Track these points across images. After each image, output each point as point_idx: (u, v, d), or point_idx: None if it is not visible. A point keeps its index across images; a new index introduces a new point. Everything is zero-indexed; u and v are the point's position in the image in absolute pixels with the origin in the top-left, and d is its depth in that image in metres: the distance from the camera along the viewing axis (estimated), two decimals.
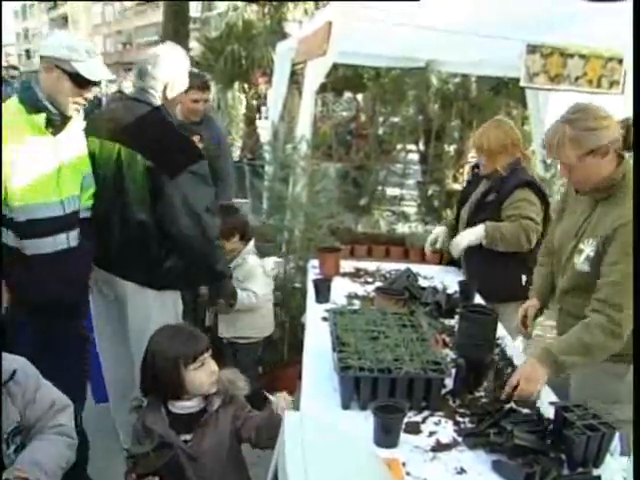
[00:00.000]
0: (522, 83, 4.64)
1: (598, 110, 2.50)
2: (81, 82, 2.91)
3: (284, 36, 10.46)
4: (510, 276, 3.59)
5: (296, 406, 2.33)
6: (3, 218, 2.87)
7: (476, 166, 4.01)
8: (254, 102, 13.39)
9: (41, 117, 2.90)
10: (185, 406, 2.37)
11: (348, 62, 6.88)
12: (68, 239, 3.05)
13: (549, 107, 5.80)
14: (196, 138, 3.85)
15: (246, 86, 12.44)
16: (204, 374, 2.33)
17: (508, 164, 3.65)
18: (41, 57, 2.94)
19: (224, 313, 3.86)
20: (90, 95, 3.05)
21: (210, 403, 2.37)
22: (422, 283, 3.69)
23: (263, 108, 16.82)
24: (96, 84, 3.04)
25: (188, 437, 2.34)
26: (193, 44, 14.17)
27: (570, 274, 2.69)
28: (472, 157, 9.48)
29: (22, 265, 2.92)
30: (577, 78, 4.51)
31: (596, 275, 2.52)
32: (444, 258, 4.37)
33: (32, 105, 2.91)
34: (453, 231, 3.98)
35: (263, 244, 4.48)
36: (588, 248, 2.55)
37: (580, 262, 2.59)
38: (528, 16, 3.69)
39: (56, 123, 2.95)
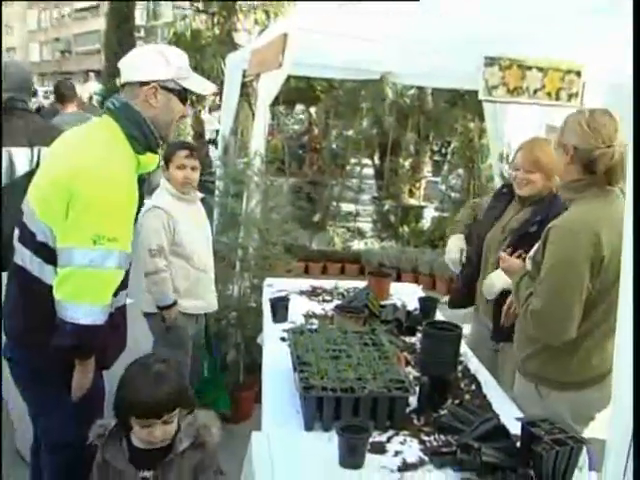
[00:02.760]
0: (481, 96, 4.60)
1: (605, 118, 2.36)
2: (183, 100, 2.56)
3: (234, 47, 10.25)
4: None
5: (257, 429, 2.25)
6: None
7: (504, 186, 3.48)
8: (202, 115, 13.22)
9: (155, 158, 2.53)
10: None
11: (301, 74, 6.79)
12: None
13: (507, 119, 5.80)
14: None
15: (194, 98, 12.26)
16: (146, 433, 2.11)
17: (551, 189, 3.14)
18: (133, 83, 2.46)
19: None
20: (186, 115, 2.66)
21: (178, 441, 2.17)
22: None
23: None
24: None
25: (148, 474, 2.15)
26: None
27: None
28: (428, 172, 9.50)
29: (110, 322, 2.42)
30: (536, 91, 4.49)
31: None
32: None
33: (143, 143, 2.44)
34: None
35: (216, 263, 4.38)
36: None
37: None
38: (484, 30, 3.68)
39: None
